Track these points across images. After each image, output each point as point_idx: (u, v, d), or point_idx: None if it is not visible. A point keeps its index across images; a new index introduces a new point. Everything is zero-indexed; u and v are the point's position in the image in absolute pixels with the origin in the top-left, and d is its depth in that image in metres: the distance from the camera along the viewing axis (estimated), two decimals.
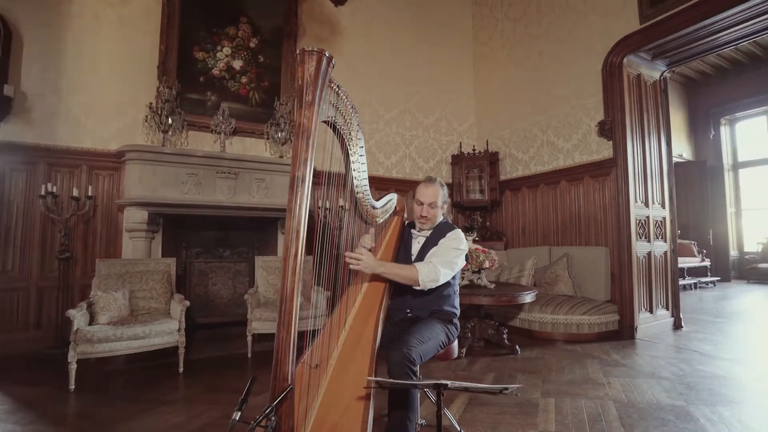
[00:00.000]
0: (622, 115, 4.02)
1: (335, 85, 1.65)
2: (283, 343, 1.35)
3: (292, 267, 1.39)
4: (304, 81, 1.50)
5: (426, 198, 1.94)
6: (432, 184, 1.97)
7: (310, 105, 1.51)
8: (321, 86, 1.53)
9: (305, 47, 1.47)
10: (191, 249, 3.98)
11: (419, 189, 2.00)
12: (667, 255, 4.23)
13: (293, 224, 1.41)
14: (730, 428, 2.04)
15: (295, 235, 1.42)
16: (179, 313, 2.97)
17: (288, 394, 1.27)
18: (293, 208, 1.44)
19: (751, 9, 3.35)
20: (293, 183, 1.46)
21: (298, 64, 1.51)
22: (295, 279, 1.39)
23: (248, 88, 4.48)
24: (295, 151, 1.51)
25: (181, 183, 3.70)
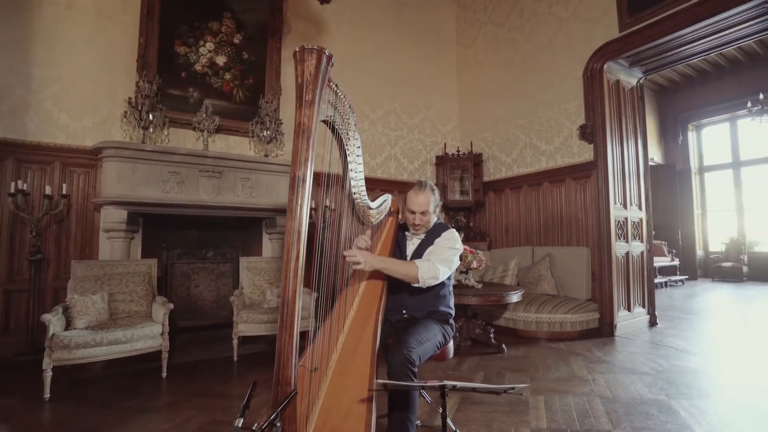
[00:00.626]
0: (603, 119, 4.16)
1: (334, 84, 1.63)
2: (285, 346, 1.32)
3: (294, 269, 1.37)
4: (303, 79, 1.47)
5: (417, 207, 1.91)
6: (423, 191, 1.92)
7: (310, 104, 1.49)
8: (321, 85, 1.51)
9: (305, 45, 1.44)
10: (173, 250, 3.85)
11: (410, 197, 1.95)
12: (643, 255, 4.41)
13: (294, 225, 1.39)
14: (708, 421, 2.14)
15: (296, 237, 1.40)
16: (162, 316, 2.87)
17: (292, 399, 1.25)
18: (294, 208, 1.41)
19: (716, 24, 3.55)
20: (294, 183, 1.43)
21: (298, 61, 1.48)
22: (297, 281, 1.37)
23: (232, 85, 4.37)
24: (295, 150, 1.48)
25: (162, 181, 3.57)
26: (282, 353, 1.32)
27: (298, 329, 1.37)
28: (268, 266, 3.86)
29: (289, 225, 1.39)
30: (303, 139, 1.47)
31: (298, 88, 1.50)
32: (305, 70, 1.48)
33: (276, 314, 3.36)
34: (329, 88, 1.63)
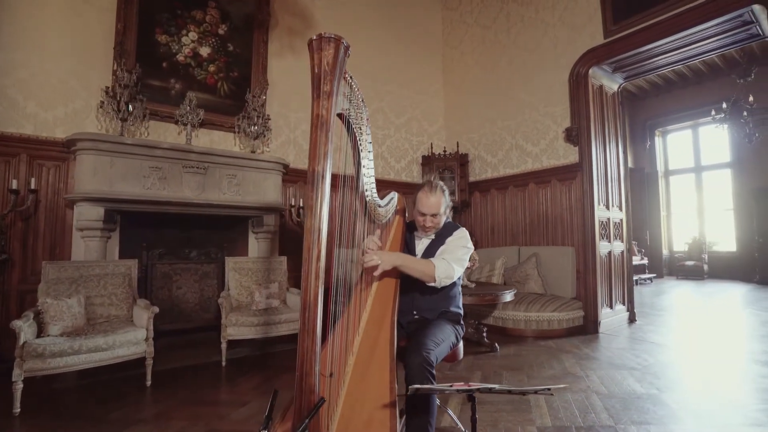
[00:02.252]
0: (588, 122, 4.29)
1: (348, 76, 1.56)
2: (308, 352, 1.24)
3: (315, 271, 1.29)
4: (321, 69, 1.40)
5: (428, 209, 1.86)
6: (433, 192, 1.86)
7: (328, 95, 1.41)
8: (339, 76, 1.44)
9: (322, 33, 1.36)
10: (153, 249, 3.63)
11: (420, 198, 1.89)
12: (623, 254, 4.58)
13: (315, 223, 1.31)
14: (698, 413, 2.23)
15: (317, 236, 1.32)
16: (146, 320, 2.69)
17: (320, 407, 1.18)
18: (314, 206, 1.33)
19: (688, 37, 3.77)
20: (313, 179, 1.35)
21: (315, 50, 1.40)
22: (318, 284, 1.29)
23: (216, 78, 4.19)
24: (313, 144, 1.39)
25: (143, 177, 3.36)
26: (305, 360, 1.24)
27: (319, 335, 1.29)
28: (255, 266, 3.72)
29: (308, 223, 1.31)
30: (321, 133, 1.39)
31: (315, 78, 1.42)
32: (323, 60, 1.40)
33: (265, 316, 3.24)
34: (344, 79, 1.56)
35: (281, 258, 3.94)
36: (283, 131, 4.68)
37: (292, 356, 3.34)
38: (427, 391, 1.31)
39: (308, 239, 1.31)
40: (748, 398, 2.44)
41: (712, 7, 3.45)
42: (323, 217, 1.34)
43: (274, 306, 3.50)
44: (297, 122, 4.81)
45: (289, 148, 4.72)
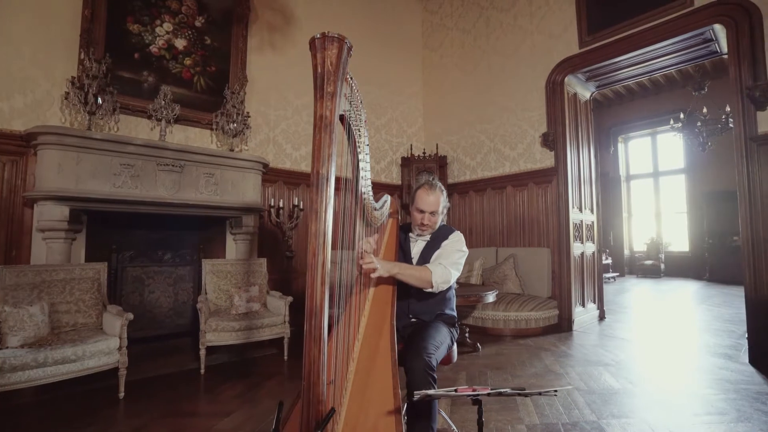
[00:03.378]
0: (563, 128, 4.45)
1: (349, 76, 1.53)
2: (314, 361, 1.21)
3: (321, 276, 1.25)
4: (324, 69, 1.36)
5: (428, 206, 1.88)
6: (433, 190, 1.89)
7: (332, 96, 1.38)
8: (342, 76, 1.41)
9: (326, 32, 1.33)
10: (123, 252, 3.41)
11: (420, 195, 1.92)
12: (594, 255, 4.79)
13: (320, 227, 1.28)
14: (668, 405, 2.37)
15: (322, 240, 1.28)
16: (119, 328, 2.53)
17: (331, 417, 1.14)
18: (319, 209, 1.30)
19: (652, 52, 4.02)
20: (318, 181, 1.31)
21: (317, 50, 1.36)
22: (324, 289, 1.26)
23: (192, 72, 4.00)
24: (317, 146, 1.36)
25: (113, 175, 3.15)
26: (312, 369, 1.20)
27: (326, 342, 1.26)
28: (234, 269, 3.59)
29: (313, 227, 1.27)
30: (326, 134, 1.35)
31: (319, 78, 1.38)
32: (326, 60, 1.37)
33: (247, 321, 3.13)
34: (345, 81, 1.52)
35: (261, 260, 3.83)
36: (262, 129, 4.55)
37: (274, 362, 3.26)
38: (433, 397, 1.30)
39: (313, 244, 1.27)
40: (709, 389, 2.62)
41: (678, 24, 3.67)
42: (328, 220, 1.31)
43: (255, 310, 3.39)
44: (276, 120, 4.68)
45: (268, 147, 4.60)
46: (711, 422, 2.16)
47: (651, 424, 2.14)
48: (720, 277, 8.31)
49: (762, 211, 3.15)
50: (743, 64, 3.28)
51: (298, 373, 2.98)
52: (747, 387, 2.65)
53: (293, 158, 4.82)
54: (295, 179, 4.77)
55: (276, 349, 3.51)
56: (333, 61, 1.36)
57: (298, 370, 3.05)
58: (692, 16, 3.57)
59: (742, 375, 2.88)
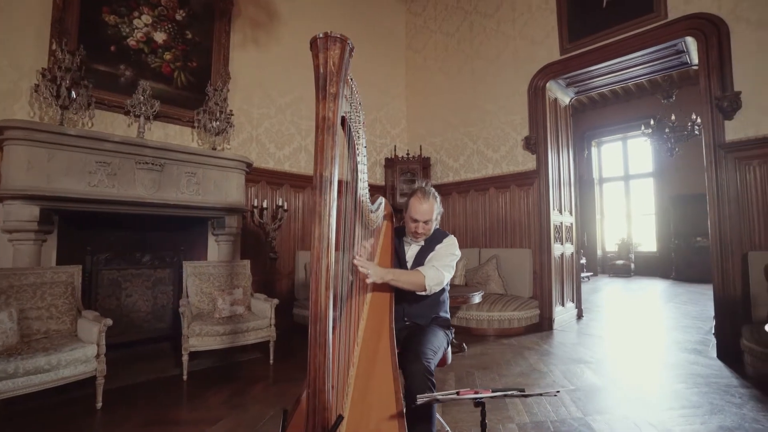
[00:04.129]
0: (545, 132, 4.57)
1: (349, 78, 1.52)
2: (319, 368, 1.18)
3: (325, 281, 1.23)
4: (327, 70, 1.34)
5: (421, 216, 1.88)
6: (426, 199, 1.89)
7: (335, 97, 1.36)
8: (344, 77, 1.40)
9: (328, 32, 1.31)
10: (98, 254, 3.25)
11: (413, 204, 1.91)
12: (573, 255, 4.95)
13: (324, 231, 1.26)
14: (646, 400, 2.48)
15: (326, 244, 1.26)
16: (96, 334, 2.41)
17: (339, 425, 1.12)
18: (322, 212, 1.27)
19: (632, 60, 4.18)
20: (321, 184, 1.29)
21: (320, 50, 1.34)
22: (328, 294, 1.24)
23: (173, 67, 3.86)
24: (320, 147, 1.33)
25: (88, 173, 3.00)
26: (317, 375, 1.18)
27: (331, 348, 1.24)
28: (217, 271, 3.49)
29: (317, 231, 1.25)
30: (328, 136, 1.33)
31: (321, 78, 1.36)
32: (329, 60, 1.35)
33: (231, 325, 3.05)
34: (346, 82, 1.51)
35: (244, 261, 3.74)
36: (244, 128, 4.44)
37: (259, 366, 3.19)
38: (434, 401, 1.31)
39: (318, 248, 1.25)
40: (683, 384, 2.75)
41: (653, 35, 3.84)
42: (332, 224, 1.29)
43: (239, 313, 3.31)
44: (260, 119, 4.59)
45: (251, 146, 4.49)
46: (687, 415, 2.27)
47: (633, 419, 2.22)
48: (685, 276, 8.76)
49: (729, 214, 3.34)
50: (712, 76, 3.47)
51: (285, 377, 2.93)
52: (717, 381, 2.80)
53: (276, 158, 4.74)
54: (278, 179, 4.69)
55: (260, 352, 3.44)
56: (335, 62, 1.34)
57: (284, 374, 3.00)
58: (666, 28, 3.75)
59: (712, 369, 3.04)
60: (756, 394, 2.55)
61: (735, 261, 3.30)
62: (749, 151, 3.31)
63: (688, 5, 3.66)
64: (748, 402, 2.43)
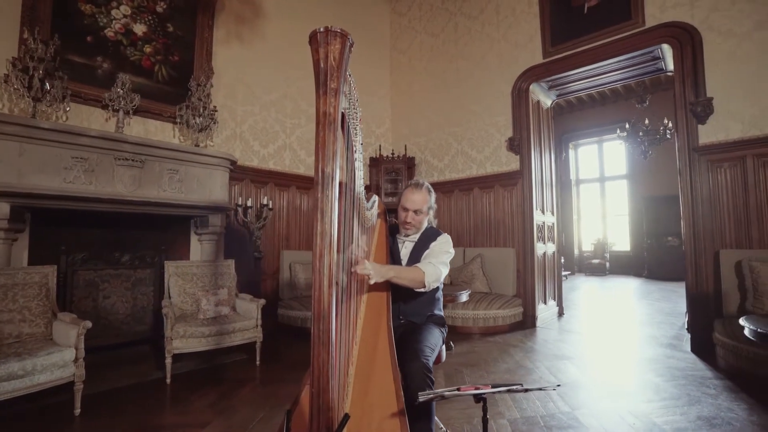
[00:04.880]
0: (528, 134, 4.67)
1: (348, 74, 1.51)
2: (323, 366, 1.17)
3: (328, 278, 1.22)
4: (327, 65, 1.33)
5: (411, 204, 1.90)
6: (419, 189, 1.91)
7: (336, 93, 1.35)
8: (344, 73, 1.39)
9: (329, 26, 1.29)
10: (74, 254, 3.10)
11: (405, 193, 1.94)
12: (554, 255, 5.08)
13: (326, 228, 1.24)
14: (629, 393, 2.57)
15: (329, 241, 1.24)
16: (75, 338, 2.30)
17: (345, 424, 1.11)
18: (325, 209, 1.25)
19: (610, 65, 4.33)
20: (323, 180, 1.27)
21: (320, 44, 1.33)
22: (331, 292, 1.22)
23: (153, 61, 3.74)
24: (322, 143, 1.31)
25: (63, 168, 2.86)
26: (321, 375, 1.16)
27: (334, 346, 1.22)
28: (200, 271, 3.39)
29: (320, 228, 1.23)
30: (330, 132, 1.31)
31: (321, 73, 1.34)
32: (329, 55, 1.33)
33: (217, 326, 2.98)
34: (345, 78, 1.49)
35: (228, 261, 3.65)
36: (228, 125, 4.34)
37: (245, 367, 3.12)
38: (437, 399, 1.31)
39: (320, 245, 1.23)
40: (661, 377, 2.86)
41: (632, 41, 3.98)
42: (334, 221, 1.27)
43: (224, 314, 3.23)
44: (244, 116, 4.49)
45: (234, 144, 4.40)
46: (667, 407, 2.37)
47: (618, 411, 2.30)
48: (657, 274, 9.13)
49: (702, 214, 3.50)
50: (687, 82, 3.63)
51: (273, 379, 2.88)
52: (693, 373, 2.93)
53: (261, 156, 4.65)
54: (262, 178, 4.61)
55: (245, 354, 3.36)
56: (336, 57, 1.33)
57: (272, 376, 2.95)
58: (644, 35, 3.90)
59: (687, 363, 3.18)
60: (729, 385, 2.68)
61: (707, 259, 3.46)
62: (720, 154, 3.48)
63: (663, 14, 3.81)
64: (722, 393, 2.56)
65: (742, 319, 2.32)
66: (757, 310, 3.00)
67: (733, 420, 2.19)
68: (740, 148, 3.40)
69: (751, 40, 3.40)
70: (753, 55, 3.39)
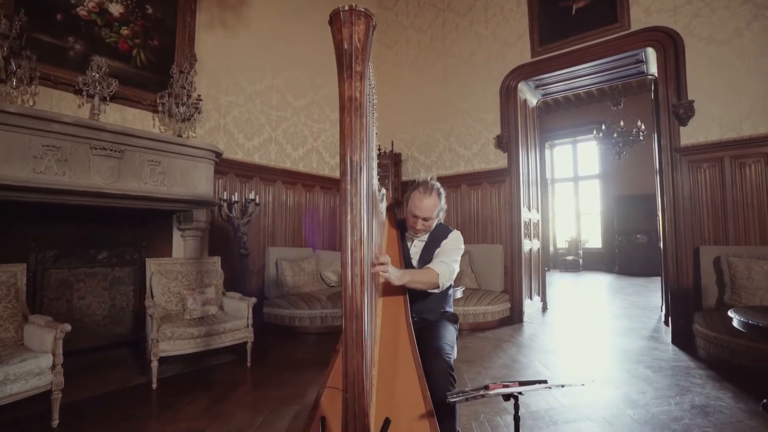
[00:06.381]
0: (516, 131, 4.73)
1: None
2: (358, 370, 1.09)
3: (360, 275, 1.14)
4: (352, 46, 1.25)
5: (421, 212, 1.79)
6: (428, 195, 1.79)
7: (361, 76, 1.27)
8: (369, 55, 1.31)
9: (352, 5, 1.22)
10: (44, 251, 2.84)
11: (414, 199, 1.82)
12: (539, 251, 5.18)
13: (356, 221, 1.16)
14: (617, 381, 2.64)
15: (359, 236, 1.17)
16: (52, 343, 2.10)
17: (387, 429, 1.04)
18: (353, 201, 1.18)
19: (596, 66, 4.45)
20: (352, 170, 1.19)
21: (343, 24, 1.24)
22: (363, 289, 1.15)
23: (131, 44, 3.48)
24: (348, 130, 1.23)
25: (33, 158, 2.60)
26: (356, 379, 1.09)
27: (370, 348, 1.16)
28: (185, 269, 3.20)
29: (349, 220, 1.16)
30: (356, 117, 1.23)
31: (345, 55, 1.26)
32: (353, 36, 1.25)
33: (206, 327, 2.82)
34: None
35: (214, 258, 3.48)
36: (211, 116, 4.13)
37: (235, 369, 2.98)
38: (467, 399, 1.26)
39: (351, 240, 1.15)
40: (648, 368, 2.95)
41: (617, 44, 4.10)
42: (363, 213, 1.20)
43: (212, 314, 3.07)
44: (228, 107, 4.29)
45: (218, 136, 4.19)
46: (661, 397, 2.44)
47: (616, 404, 2.35)
48: (627, 270, 9.55)
49: (683, 211, 3.66)
50: (670, 85, 3.77)
51: (267, 380, 2.76)
52: (677, 364, 3.05)
53: (246, 149, 4.46)
54: (248, 172, 4.42)
55: (234, 355, 3.21)
56: (360, 38, 1.25)
57: (265, 377, 2.83)
58: (630, 38, 4.01)
59: (670, 354, 3.32)
60: (712, 374, 2.81)
61: (687, 254, 3.62)
62: (700, 154, 3.64)
63: (648, 18, 3.94)
64: (707, 382, 2.67)
65: (731, 311, 2.43)
66: (735, 303, 3.16)
67: (723, 408, 2.29)
68: (718, 150, 3.57)
69: (729, 46, 3.56)
70: (731, 61, 3.56)
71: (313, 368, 2.98)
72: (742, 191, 3.46)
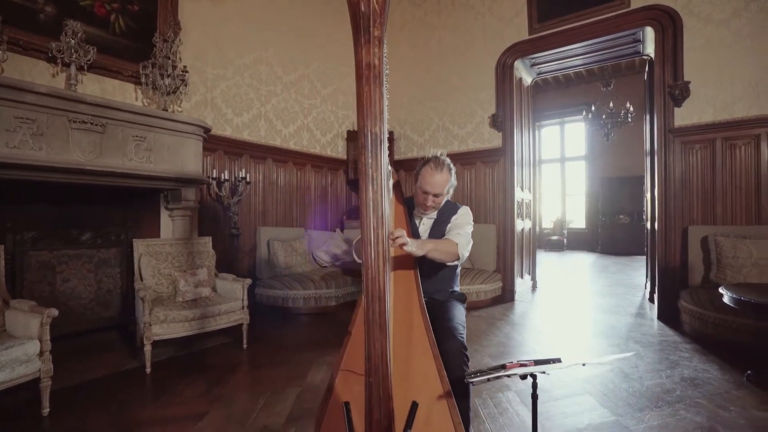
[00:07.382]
0: (511, 111, 4.67)
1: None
2: (382, 353, 1.06)
3: (383, 254, 1.10)
4: (370, 9, 1.18)
5: (432, 188, 1.75)
6: (440, 171, 1.75)
7: (379, 42, 1.20)
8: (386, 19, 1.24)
9: None
10: (23, 232, 2.67)
11: (424, 174, 1.77)
12: (531, 231, 5.23)
13: (378, 198, 1.11)
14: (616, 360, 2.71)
15: (380, 212, 1.11)
16: (37, 328, 1.99)
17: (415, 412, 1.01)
18: (374, 175, 1.12)
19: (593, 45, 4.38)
20: (371, 141, 1.13)
21: None
22: (385, 269, 1.11)
23: (109, 9, 3.22)
24: (367, 100, 1.16)
25: (5, 131, 2.40)
26: (380, 362, 1.05)
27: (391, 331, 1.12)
28: (175, 250, 3.09)
29: (371, 197, 1.10)
30: (375, 86, 1.16)
31: (363, 18, 1.19)
32: None
33: (201, 309, 2.74)
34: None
35: (205, 238, 3.37)
36: (198, 89, 3.91)
37: (231, 351, 2.92)
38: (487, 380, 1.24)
39: (373, 218, 1.09)
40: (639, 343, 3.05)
41: (616, 22, 4.03)
42: (384, 189, 1.14)
43: (205, 295, 2.99)
44: (215, 80, 4.07)
45: (205, 111, 3.99)
46: (652, 370, 2.53)
47: (612, 378, 2.41)
48: (609, 250, 9.81)
49: (674, 192, 3.71)
50: (666, 65, 3.76)
51: (263, 362, 2.72)
52: (664, 339, 3.16)
53: (234, 125, 4.27)
54: (237, 149, 4.25)
55: (229, 337, 3.15)
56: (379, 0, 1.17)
57: (261, 359, 2.79)
58: (629, 16, 3.95)
59: (657, 329, 3.43)
60: (698, 348, 2.92)
61: (676, 234, 3.70)
62: (693, 136, 3.67)
63: None
64: (694, 356, 2.77)
65: (722, 288, 2.50)
66: (720, 280, 3.26)
67: (711, 380, 2.38)
68: (711, 131, 3.60)
69: (727, 27, 3.55)
70: (728, 42, 3.55)
71: (310, 349, 2.95)
72: (732, 173, 3.52)
